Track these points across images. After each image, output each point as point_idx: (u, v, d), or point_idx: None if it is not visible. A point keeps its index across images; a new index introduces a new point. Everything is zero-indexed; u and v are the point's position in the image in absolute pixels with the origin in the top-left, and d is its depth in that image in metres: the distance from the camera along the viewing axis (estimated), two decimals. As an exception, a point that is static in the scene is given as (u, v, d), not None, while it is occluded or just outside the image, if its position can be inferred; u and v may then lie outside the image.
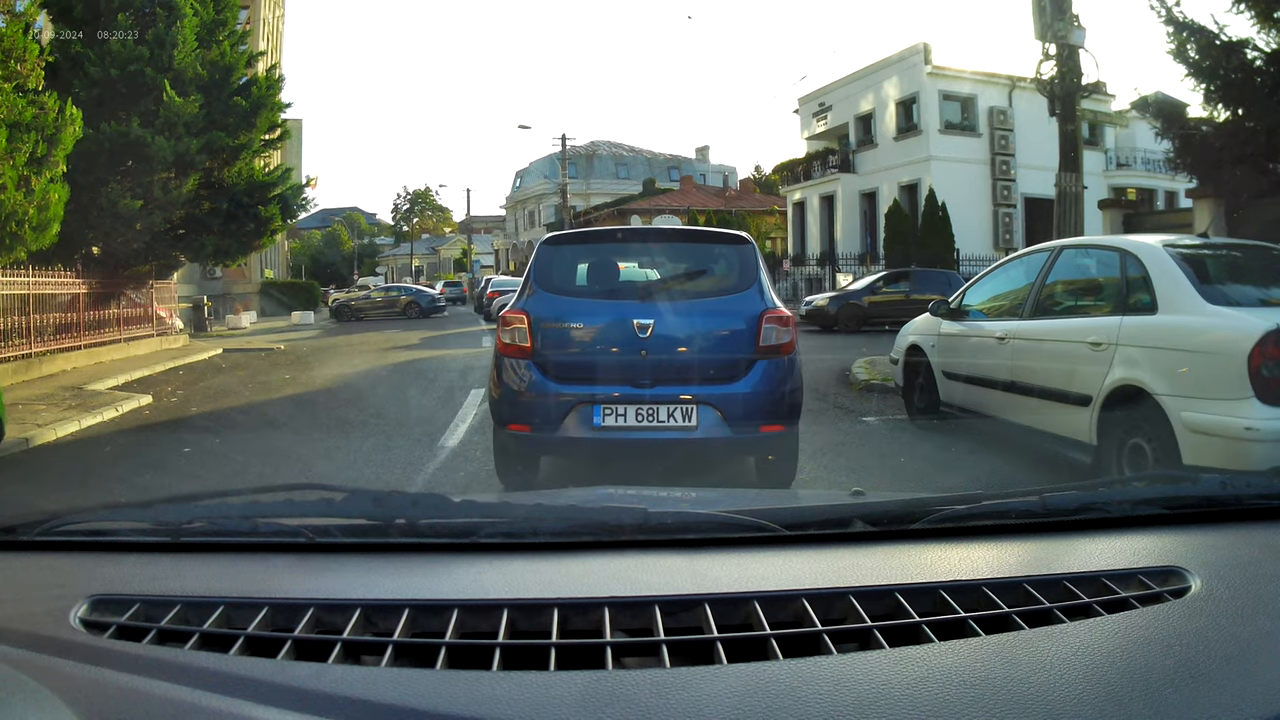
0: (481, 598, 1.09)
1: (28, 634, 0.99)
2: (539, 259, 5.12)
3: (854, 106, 32.37)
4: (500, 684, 0.87)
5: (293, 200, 18.86)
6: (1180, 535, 1.34)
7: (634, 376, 4.63)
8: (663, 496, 1.88)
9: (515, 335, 4.79)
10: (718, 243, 5.43)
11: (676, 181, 53.69)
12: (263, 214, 17.18)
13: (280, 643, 0.98)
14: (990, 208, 29.62)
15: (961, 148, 29.33)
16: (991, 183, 29.68)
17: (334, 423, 8.38)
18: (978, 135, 29.88)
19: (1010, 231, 29.81)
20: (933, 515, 1.34)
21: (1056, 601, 1.06)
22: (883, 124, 31.05)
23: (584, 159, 57.22)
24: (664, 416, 4.60)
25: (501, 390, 4.87)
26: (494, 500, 1.73)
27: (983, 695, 0.82)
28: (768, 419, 4.74)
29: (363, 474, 5.92)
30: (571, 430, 4.62)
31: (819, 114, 34.42)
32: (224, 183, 17.27)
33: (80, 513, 1.41)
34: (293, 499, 1.41)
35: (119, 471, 6.58)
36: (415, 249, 77.45)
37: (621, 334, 4.71)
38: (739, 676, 0.88)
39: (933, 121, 29.19)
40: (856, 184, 31.96)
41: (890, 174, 30.27)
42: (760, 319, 4.75)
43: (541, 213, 58.37)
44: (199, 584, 1.15)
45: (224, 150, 16.67)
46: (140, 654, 0.95)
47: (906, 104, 30.20)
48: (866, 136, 32.10)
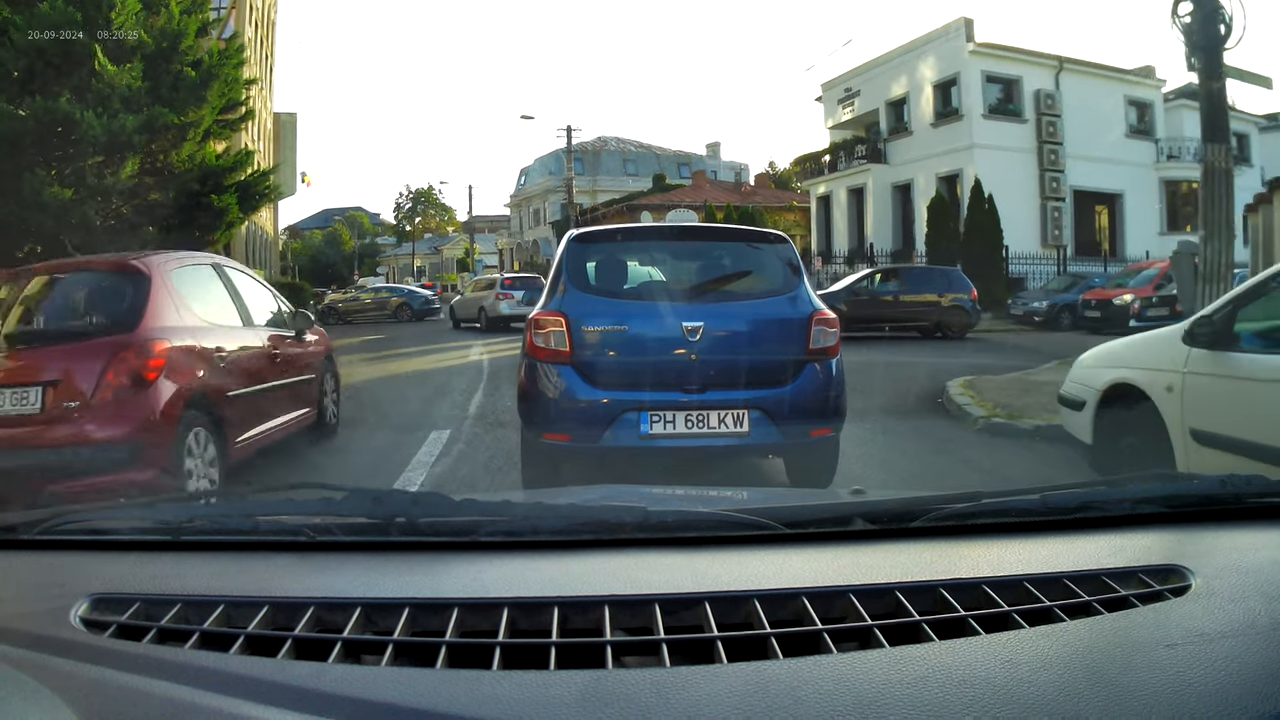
0: (481, 596, 1.09)
1: (28, 633, 0.98)
2: (570, 257, 4.86)
3: (884, 91, 29.69)
4: (500, 683, 0.87)
5: (255, 189, 16.36)
6: (1181, 534, 1.34)
7: (683, 381, 4.47)
8: (663, 495, 1.87)
9: (551, 339, 4.54)
10: (757, 242, 5.18)
11: (687, 178, 51.53)
12: (215, 204, 14.70)
13: (280, 642, 0.97)
14: (1038, 201, 26.98)
15: (1006, 135, 26.70)
16: (1039, 174, 27.04)
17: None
18: (1023, 121, 27.21)
19: (1059, 227, 27.18)
20: (933, 514, 1.33)
21: (1057, 600, 1.05)
22: (918, 109, 28.37)
23: (591, 155, 55.78)
24: (714, 423, 4.44)
25: (535, 397, 4.64)
26: (494, 499, 1.67)
27: (983, 694, 0.82)
28: (818, 422, 4.66)
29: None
30: (616, 439, 4.41)
31: (845, 100, 31.73)
32: (172, 168, 14.78)
33: (81, 511, 1.41)
34: (293, 498, 1.41)
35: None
36: (418, 249, 76.24)
37: (670, 337, 4.52)
38: (739, 675, 0.88)
39: (975, 105, 26.52)
40: (889, 175, 29.28)
41: (927, 164, 27.62)
42: (810, 321, 4.66)
43: (547, 210, 56.81)
44: (199, 583, 1.14)
45: (168, 130, 14.20)
46: (140, 653, 0.95)
47: (945, 86, 27.53)
48: (899, 124, 29.43)
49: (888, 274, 19.59)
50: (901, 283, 18.72)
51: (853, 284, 18.62)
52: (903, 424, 7.51)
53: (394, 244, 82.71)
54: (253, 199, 16.60)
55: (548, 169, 56.96)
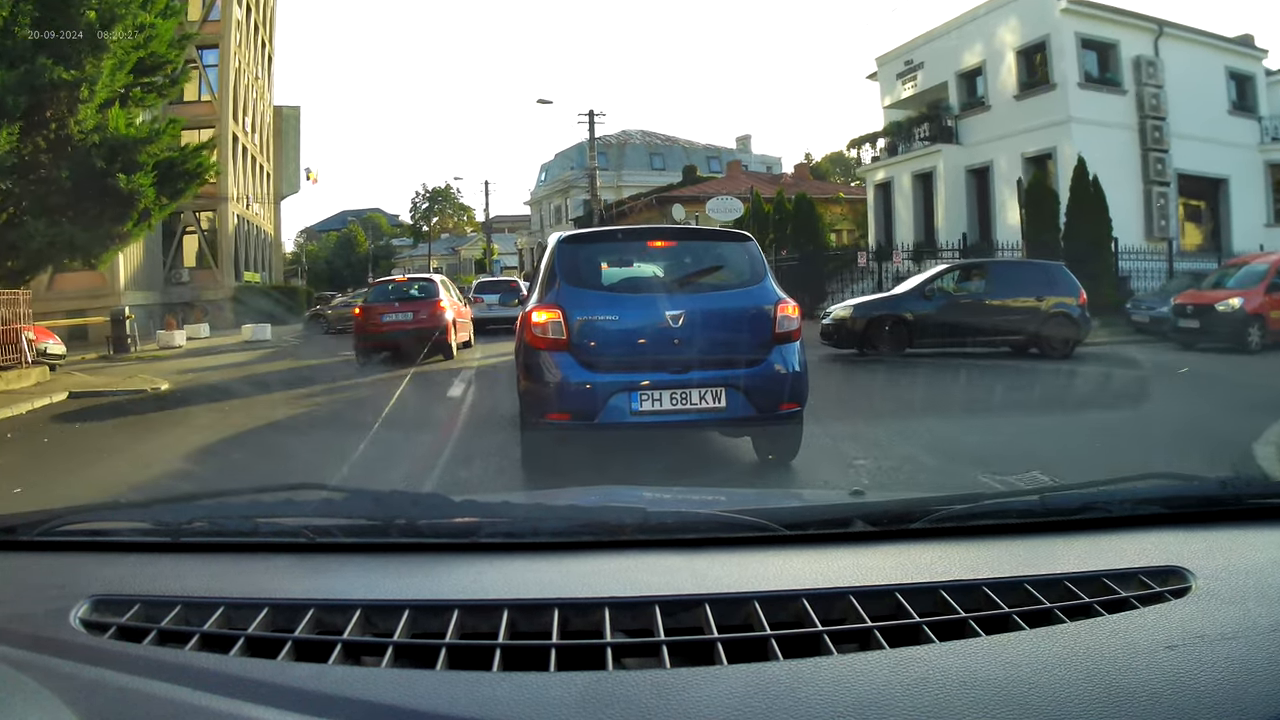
0: (482, 598, 1.08)
1: (28, 634, 0.98)
2: (562, 256, 5.36)
3: (954, 61, 25.61)
4: (500, 685, 0.87)
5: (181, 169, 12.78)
6: (1181, 535, 1.33)
7: (668, 364, 4.97)
8: (663, 496, 1.87)
9: (550, 329, 5.03)
10: (726, 241, 5.89)
11: (718, 172, 47.67)
12: (124, 186, 11.14)
13: (281, 643, 0.97)
14: (1140, 186, 22.81)
15: (1104, 108, 22.60)
16: (1141, 154, 22.90)
17: None
18: (1122, 92, 23.10)
19: (1165, 217, 22.99)
20: (933, 515, 1.33)
21: (1057, 601, 1.05)
22: (997, 80, 24.29)
23: (615, 148, 52.49)
24: (696, 399, 4.95)
25: (536, 383, 5.15)
26: (494, 500, 1.58)
27: (983, 696, 0.82)
28: (786, 398, 5.19)
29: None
30: (610, 416, 4.90)
31: (905, 75, 27.67)
32: (71, 139, 11.23)
33: (80, 512, 1.41)
34: (293, 499, 1.40)
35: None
36: (434, 250, 73.47)
37: (655, 324, 5.04)
38: (739, 677, 0.88)
39: (1071, 73, 22.41)
40: (961, 157, 25.18)
41: (1010, 143, 23.52)
42: (776, 308, 5.21)
43: (568, 207, 53.60)
44: (199, 584, 1.14)
45: (58, 88, 10.61)
46: (140, 655, 0.95)
47: (1031, 52, 23.49)
48: (973, 98, 25.39)
49: (968, 271, 14.89)
50: (988, 282, 14.05)
51: (923, 284, 13.98)
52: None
53: (410, 245, 79.78)
54: (175, 181, 12.99)
55: (569, 163, 54.34)
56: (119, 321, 19.55)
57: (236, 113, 33.30)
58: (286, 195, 44.94)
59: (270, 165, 41.54)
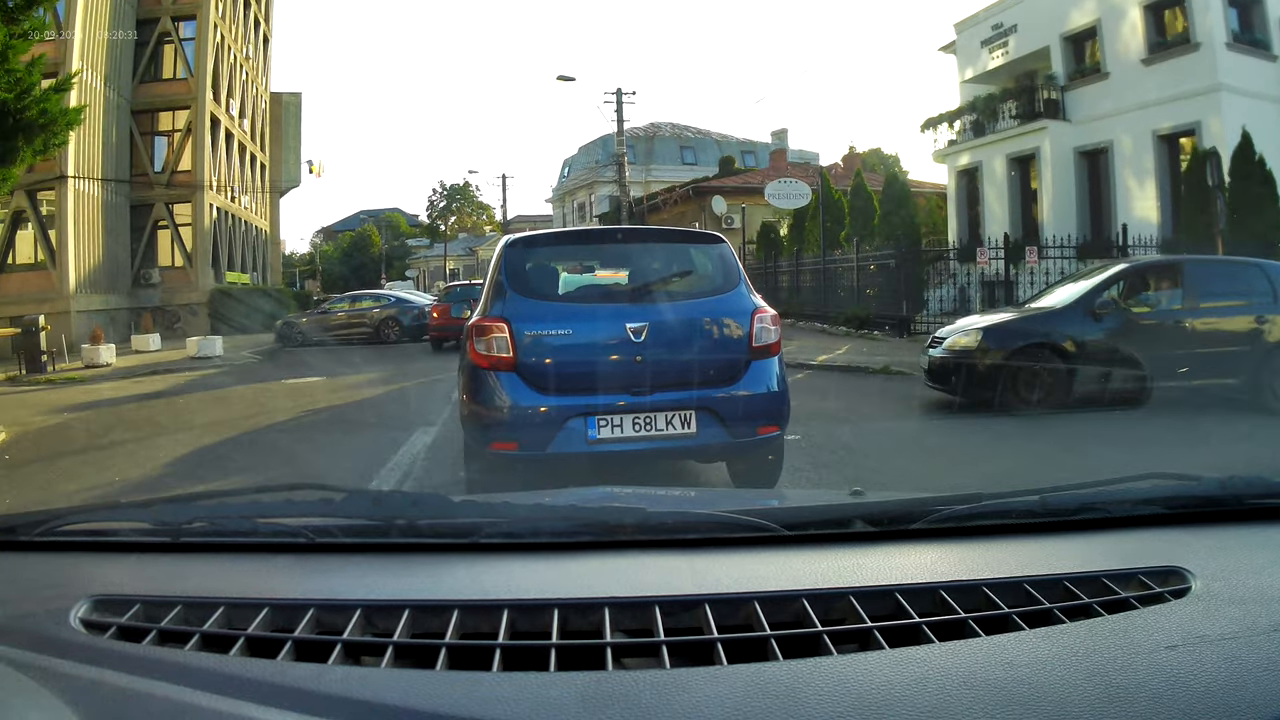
0: (482, 598, 1.08)
1: (28, 634, 0.98)
2: (509, 262, 4.77)
3: (1058, 21, 21.10)
4: (501, 685, 0.87)
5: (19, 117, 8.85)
6: (1180, 535, 1.32)
7: (629, 384, 4.39)
8: (662, 496, 1.85)
9: (494, 345, 4.43)
10: (694, 242, 5.30)
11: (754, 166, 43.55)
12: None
13: (280, 643, 0.97)
14: (1299, 170, 18.32)
15: (1253, 75, 18.16)
16: (1297, 130, 18.40)
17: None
18: (1271, 57, 18.67)
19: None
20: (933, 515, 1.32)
21: (1057, 602, 1.05)
22: (1116, 42, 19.84)
23: (643, 141, 48.83)
24: (662, 424, 4.40)
25: (478, 407, 4.56)
26: (494, 500, 1.61)
27: (983, 696, 0.81)
28: (764, 421, 4.62)
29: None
30: (563, 445, 4.32)
31: (994, 41, 23.22)
32: None
33: (80, 512, 1.40)
34: (293, 499, 1.40)
35: None
36: (451, 250, 70.10)
37: (614, 339, 4.46)
38: (739, 677, 0.87)
39: (1217, 31, 17.94)
40: (1071, 136, 20.69)
41: (1135, 118, 18.99)
42: (752, 318, 4.63)
43: (593, 203, 49.84)
44: (199, 584, 1.14)
45: None
46: (140, 655, 0.95)
47: (1160, 7, 19.08)
48: (1083, 65, 20.96)
49: (1145, 275, 9.83)
50: (1188, 286, 9.09)
51: (1090, 292, 9.00)
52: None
53: (426, 245, 76.29)
54: (10, 133, 9.09)
55: (593, 156, 50.71)
56: (30, 333, 15.58)
57: (218, 93, 29.44)
58: (286, 189, 41.35)
59: (266, 156, 37.82)
